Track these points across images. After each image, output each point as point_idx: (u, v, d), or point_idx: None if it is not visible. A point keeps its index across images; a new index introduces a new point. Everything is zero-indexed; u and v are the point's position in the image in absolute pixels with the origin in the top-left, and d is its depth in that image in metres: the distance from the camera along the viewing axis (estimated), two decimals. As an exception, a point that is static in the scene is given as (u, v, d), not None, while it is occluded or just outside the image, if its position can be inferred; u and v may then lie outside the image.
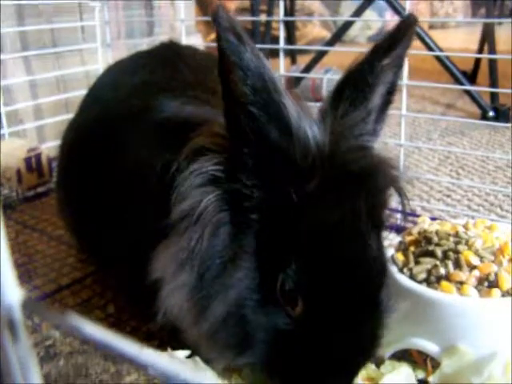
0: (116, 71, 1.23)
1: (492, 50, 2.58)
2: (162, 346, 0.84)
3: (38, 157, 1.66)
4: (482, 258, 0.84)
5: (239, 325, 0.67)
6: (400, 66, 0.74)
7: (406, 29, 0.72)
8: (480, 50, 2.90)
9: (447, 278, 0.82)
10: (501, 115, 2.37)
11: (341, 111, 0.71)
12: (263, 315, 0.67)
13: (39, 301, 1.12)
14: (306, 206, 0.65)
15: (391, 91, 0.75)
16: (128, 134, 0.94)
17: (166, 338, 0.83)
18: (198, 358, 0.72)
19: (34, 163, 1.66)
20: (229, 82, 0.65)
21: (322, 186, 0.65)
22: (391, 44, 0.71)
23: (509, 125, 2.19)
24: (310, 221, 0.65)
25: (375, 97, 0.73)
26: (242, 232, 0.68)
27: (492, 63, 2.52)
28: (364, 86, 0.71)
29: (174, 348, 0.74)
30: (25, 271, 1.26)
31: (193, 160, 0.70)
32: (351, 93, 0.71)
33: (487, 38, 2.64)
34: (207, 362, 0.73)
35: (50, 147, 1.70)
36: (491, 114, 2.37)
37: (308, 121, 0.67)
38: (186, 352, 0.74)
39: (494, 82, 2.52)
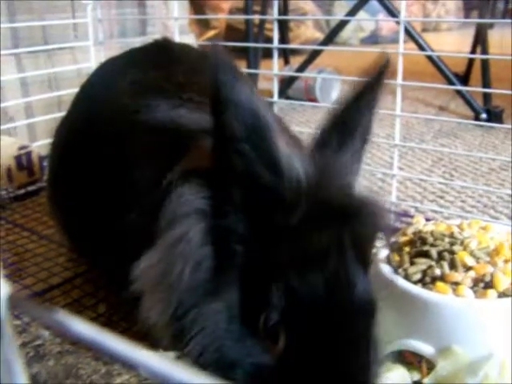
0: (108, 69, 1.21)
1: (485, 52, 2.58)
2: (153, 346, 0.83)
3: (29, 155, 1.64)
4: (477, 259, 0.83)
5: (217, 355, 0.66)
6: (375, 107, 0.73)
7: (384, 71, 0.71)
8: (472, 53, 2.91)
9: (442, 278, 0.82)
10: (493, 117, 2.37)
11: (329, 151, 0.70)
12: (242, 348, 0.66)
13: (28, 298, 1.10)
14: (290, 239, 0.64)
15: (368, 131, 0.74)
16: (118, 136, 0.92)
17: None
18: (189, 359, 0.71)
19: (24, 161, 1.64)
20: (221, 118, 0.64)
21: (306, 219, 0.64)
22: (372, 86, 0.71)
23: (501, 126, 2.20)
24: (295, 253, 0.64)
25: (358, 138, 0.72)
26: (224, 265, 0.67)
27: (484, 65, 2.52)
28: (351, 127, 0.71)
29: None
30: (15, 270, 1.24)
31: (184, 181, 0.69)
32: (338, 134, 0.71)
33: (480, 41, 2.64)
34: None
35: (41, 145, 1.68)
36: (484, 115, 2.37)
37: (299, 160, 0.66)
38: (178, 352, 0.73)
39: (486, 84, 2.52)
